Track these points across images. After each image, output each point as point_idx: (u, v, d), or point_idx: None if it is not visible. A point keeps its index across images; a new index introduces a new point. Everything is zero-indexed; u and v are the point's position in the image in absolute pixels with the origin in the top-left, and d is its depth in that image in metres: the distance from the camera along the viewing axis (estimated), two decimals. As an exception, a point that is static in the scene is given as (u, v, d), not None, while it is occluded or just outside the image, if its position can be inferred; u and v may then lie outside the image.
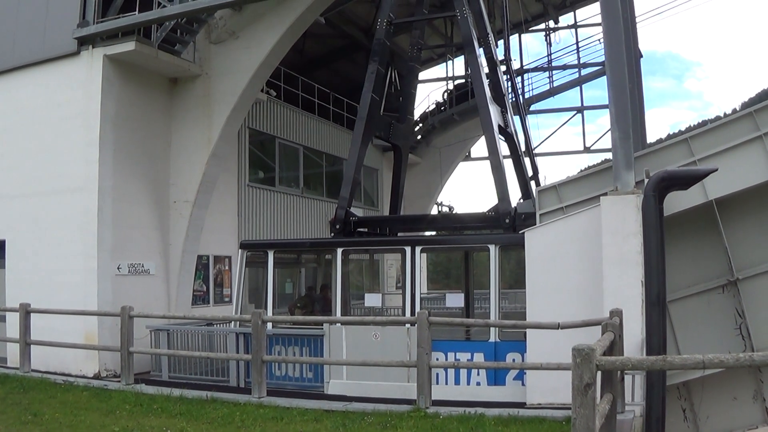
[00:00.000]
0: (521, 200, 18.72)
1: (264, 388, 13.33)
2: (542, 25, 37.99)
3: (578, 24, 37.21)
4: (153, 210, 19.98)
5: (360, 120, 18.55)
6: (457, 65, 38.54)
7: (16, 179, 19.72)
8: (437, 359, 14.26)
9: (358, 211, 19.87)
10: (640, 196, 12.56)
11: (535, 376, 13.36)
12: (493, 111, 18.08)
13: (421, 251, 16.50)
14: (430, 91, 40.64)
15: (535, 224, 14.23)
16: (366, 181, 33.55)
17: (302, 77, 29.05)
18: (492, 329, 14.98)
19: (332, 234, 18.26)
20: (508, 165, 19.48)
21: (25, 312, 16.34)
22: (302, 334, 16.37)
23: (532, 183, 23.10)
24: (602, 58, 26.61)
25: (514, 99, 28.58)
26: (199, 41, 20.49)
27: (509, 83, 29.56)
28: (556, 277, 13.55)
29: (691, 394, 13.43)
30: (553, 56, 37.36)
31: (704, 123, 14.02)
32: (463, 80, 36.11)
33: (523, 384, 14.21)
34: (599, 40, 33.63)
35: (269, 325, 15.31)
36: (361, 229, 18.90)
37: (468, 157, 40.01)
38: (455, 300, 19.57)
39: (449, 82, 37.85)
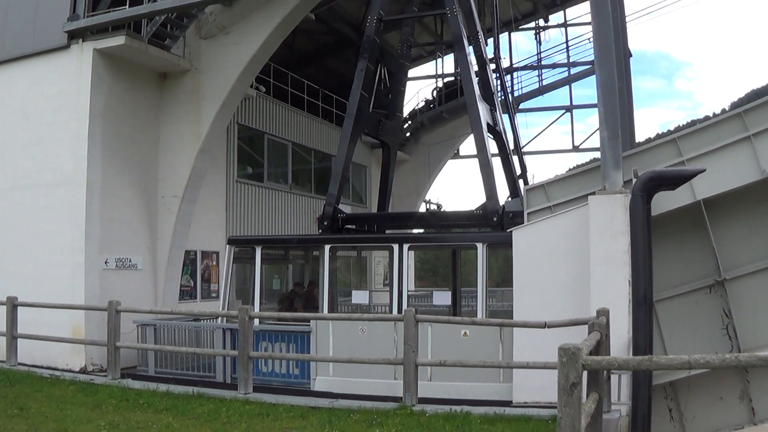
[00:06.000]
0: (509, 199, 18.74)
1: (250, 384, 13.33)
2: (532, 24, 38.14)
3: (568, 23, 37.41)
4: (141, 205, 19.92)
5: (349, 117, 18.53)
6: (447, 63, 38.74)
7: (5, 171, 19.66)
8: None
9: (346, 208, 19.84)
10: (628, 195, 12.60)
11: (521, 374, 13.40)
12: (482, 109, 18.11)
13: (409, 249, 16.51)
14: (419, 89, 40.65)
15: (523, 223, 14.27)
16: (354, 178, 33.59)
17: (292, 73, 29.00)
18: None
19: (320, 230, 18.23)
20: (497, 163, 19.55)
21: (12, 305, 16.29)
22: (289, 330, 16.37)
23: (521, 181, 23.18)
24: (592, 57, 26.64)
25: (503, 97, 28.60)
26: (189, 36, 20.45)
27: (498, 81, 29.60)
28: (543, 275, 13.60)
29: (678, 394, 13.46)
30: (542, 55, 37.54)
31: (693, 123, 14.06)
32: (452, 78, 36.19)
33: None
34: (589, 39, 33.80)
35: (256, 321, 15.30)
36: (349, 226, 18.88)
37: (456, 155, 40.12)
38: (442, 298, 19.56)
39: (438, 79, 37.93)
